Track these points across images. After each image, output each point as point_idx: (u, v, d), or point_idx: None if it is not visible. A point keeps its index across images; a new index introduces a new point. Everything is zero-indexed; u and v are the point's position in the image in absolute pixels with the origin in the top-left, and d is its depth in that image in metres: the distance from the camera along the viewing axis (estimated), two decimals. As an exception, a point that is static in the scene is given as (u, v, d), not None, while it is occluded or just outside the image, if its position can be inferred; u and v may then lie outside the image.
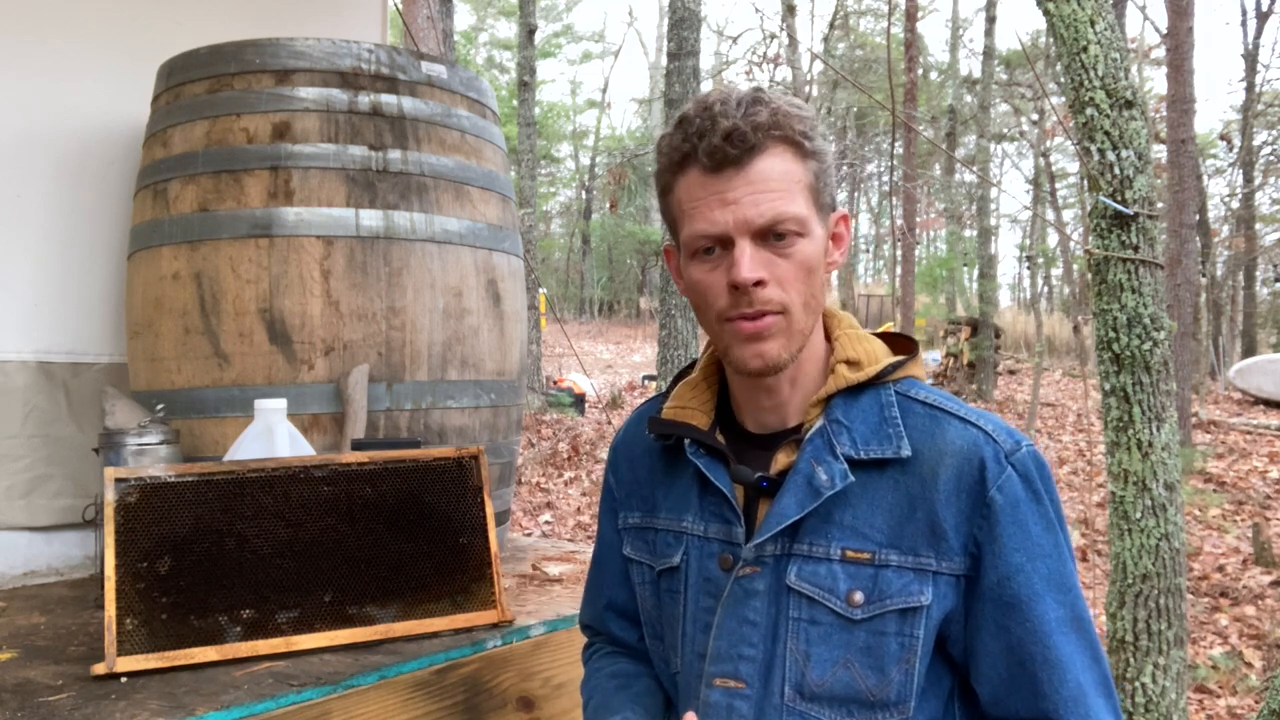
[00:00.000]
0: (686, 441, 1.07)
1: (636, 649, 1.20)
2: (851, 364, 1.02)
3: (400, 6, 6.82)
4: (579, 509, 7.68)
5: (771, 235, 0.94)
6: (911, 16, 16.00)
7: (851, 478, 0.96)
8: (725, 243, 0.95)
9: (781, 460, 1.01)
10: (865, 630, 0.95)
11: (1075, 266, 19.82)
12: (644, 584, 1.15)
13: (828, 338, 1.06)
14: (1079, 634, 0.95)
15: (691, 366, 1.15)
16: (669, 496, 1.12)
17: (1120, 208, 2.50)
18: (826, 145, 0.99)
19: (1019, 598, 0.94)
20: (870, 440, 0.98)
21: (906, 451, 0.97)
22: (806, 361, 1.03)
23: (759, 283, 0.94)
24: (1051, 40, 2.69)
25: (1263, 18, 16.52)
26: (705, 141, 0.94)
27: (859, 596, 0.95)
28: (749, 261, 0.94)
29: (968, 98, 20.34)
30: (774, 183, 0.94)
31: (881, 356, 1.04)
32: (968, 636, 0.97)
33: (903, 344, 1.09)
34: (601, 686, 1.16)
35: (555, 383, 13.63)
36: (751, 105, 0.95)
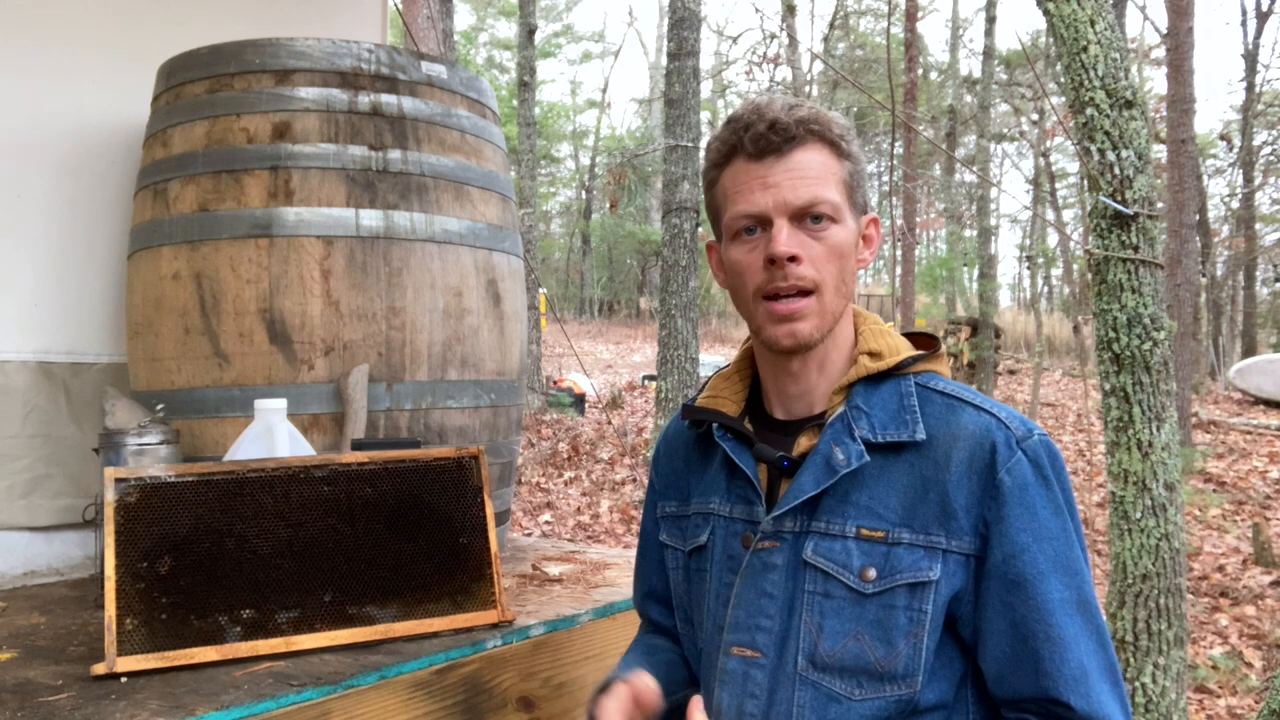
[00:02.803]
0: (714, 426, 1.13)
1: (674, 633, 1.27)
2: (874, 355, 1.08)
3: (400, 6, 6.82)
4: (579, 509, 7.68)
5: (808, 218, 1.02)
6: (911, 16, 15.98)
7: (867, 458, 1.01)
8: (764, 223, 1.03)
9: (803, 443, 1.06)
10: (876, 604, 0.99)
11: (1075, 266, 19.81)
12: (676, 568, 1.21)
13: (855, 333, 1.12)
14: (1084, 618, 0.97)
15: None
16: (701, 482, 1.18)
17: (1120, 208, 2.50)
18: (861, 154, 1.08)
19: (1023, 575, 0.97)
20: (888, 425, 1.03)
21: (921, 435, 1.02)
22: (833, 350, 1.09)
23: (794, 258, 1.01)
24: (1051, 40, 2.69)
25: (1263, 18, 16.51)
26: (750, 131, 1.03)
27: (872, 572, 0.99)
28: (786, 237, 1.01)
29: (968, 98, 20.33)
30: (811, 171, 1.02)
31: (903, 350, 1.09)
32: (975, 616, 0.99)
33: (926, 343, 1.14)
34: (631, 654, 1.25)
35: (555, 383, 13.63)
36: (794, 106, 1.04)
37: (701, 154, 1.15)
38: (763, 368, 1.14)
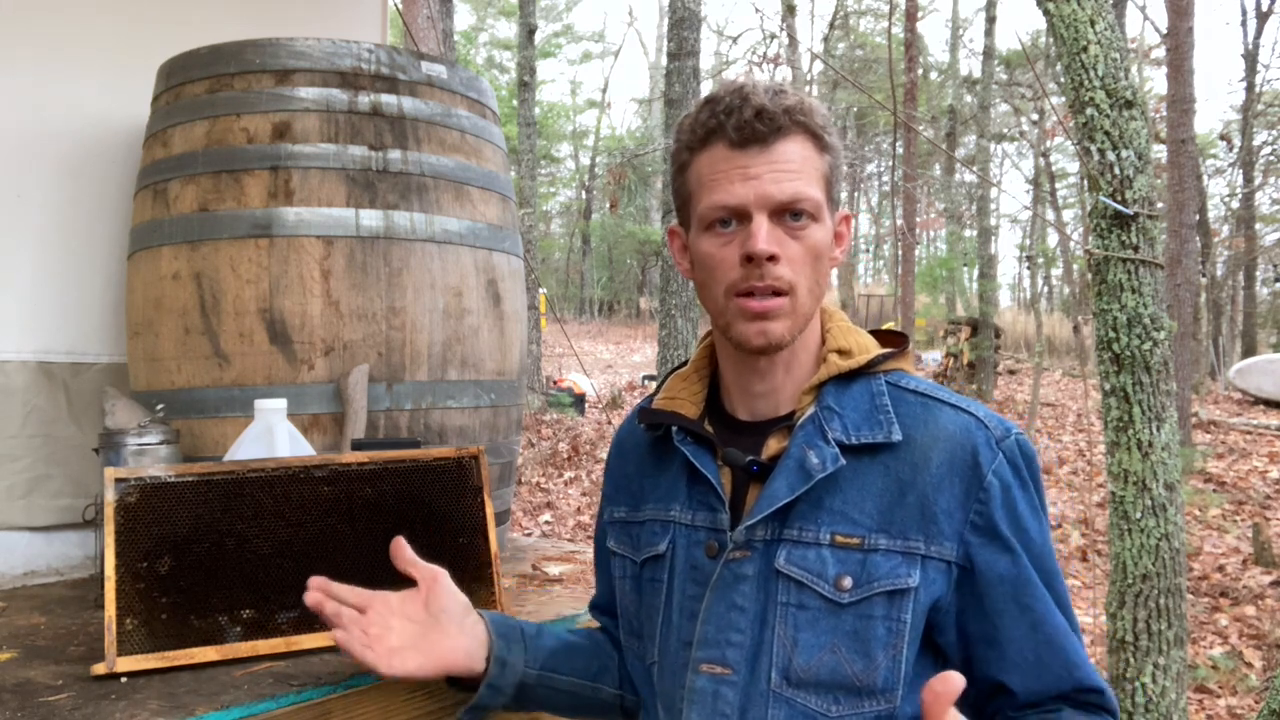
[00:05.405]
0: (674, 429, 1.08)
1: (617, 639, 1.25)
2: (843, 353, 1.04)
3: (400, 6, 6.82)
4: (579, 509, 7.68)
5: (788, 214, 0.97)
6: (911, 16, 16.00)
7: (843, 461, 0.97)
8: (742, 216, 0.98)
9: (773, 446, 1.02)
10: (853, 614, 0.95)
11: (1075, 266, 19.81)
12: (624, 577, 1.16)
13: (822, 331, 1.08)
14: (1062, 609, 0.99)
15: (686, 363, 1.17)
16: (657, 487, 1.13)
17: (1120, 208, 2.50)
18: (840, 145, 1.03)
19: (1022, 579, 0.97)
20: (861, 426, 0.99)
21: (897, 436, 0.98)
22: (801, 350, 1.04)
23: (772, 258, 0.96)
24: (1051, 40, 2.69)
25: (1263, 18, 16.52)
26: (734, 118, 0.96)
27: (847, 581, 0.95)
28: (765, 235, 0.96)
29: (968, 98, 20.34)
30: (794, 164, 0.97)
31: (871, 348, 1.06)
32: (986, 628, 0.97)
33: (893, 339, 1.11)
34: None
35: (555, 383, 13.65)
36: (779, 91, 0.98)
37: None
38: (725, 366, 1.09)
